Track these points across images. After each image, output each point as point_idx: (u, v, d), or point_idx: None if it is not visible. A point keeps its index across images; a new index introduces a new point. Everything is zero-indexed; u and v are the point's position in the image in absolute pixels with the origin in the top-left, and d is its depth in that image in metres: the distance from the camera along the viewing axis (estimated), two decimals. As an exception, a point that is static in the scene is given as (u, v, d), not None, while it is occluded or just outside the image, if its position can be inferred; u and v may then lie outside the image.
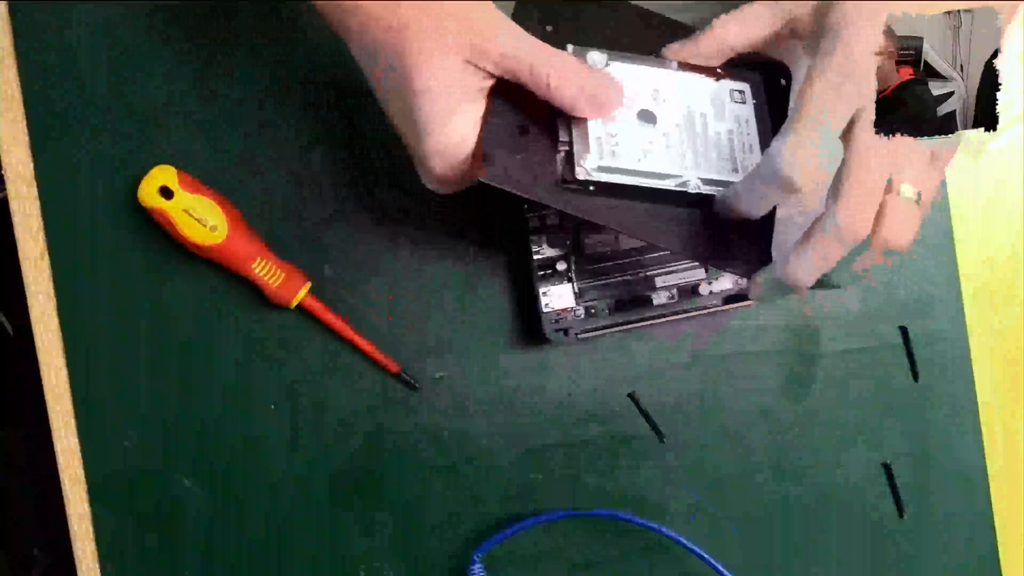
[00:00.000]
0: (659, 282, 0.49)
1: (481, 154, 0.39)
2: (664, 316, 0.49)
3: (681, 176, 0.41)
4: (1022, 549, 0.53)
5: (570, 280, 0.49)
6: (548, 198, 0.40)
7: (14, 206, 0.49)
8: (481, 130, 0.39)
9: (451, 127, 0.38)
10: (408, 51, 0.36)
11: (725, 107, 0.43)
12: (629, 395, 0.51)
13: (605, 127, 0.41)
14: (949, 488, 0.53)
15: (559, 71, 0.38)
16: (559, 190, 0.40)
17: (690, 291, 0.50)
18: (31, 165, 0.49)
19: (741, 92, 0.44)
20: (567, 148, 0.40)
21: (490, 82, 0.39)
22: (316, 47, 0.49)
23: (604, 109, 0.40)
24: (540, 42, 0.38)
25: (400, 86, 0.38)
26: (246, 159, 0.49)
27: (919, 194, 0.38)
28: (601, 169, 0.40)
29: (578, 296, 0.49)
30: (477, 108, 0.39)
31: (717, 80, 0.43)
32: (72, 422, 0.49)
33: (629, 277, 0.50)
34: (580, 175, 0.40)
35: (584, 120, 0.40)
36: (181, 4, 0.49)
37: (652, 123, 0.42)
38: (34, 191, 0.49)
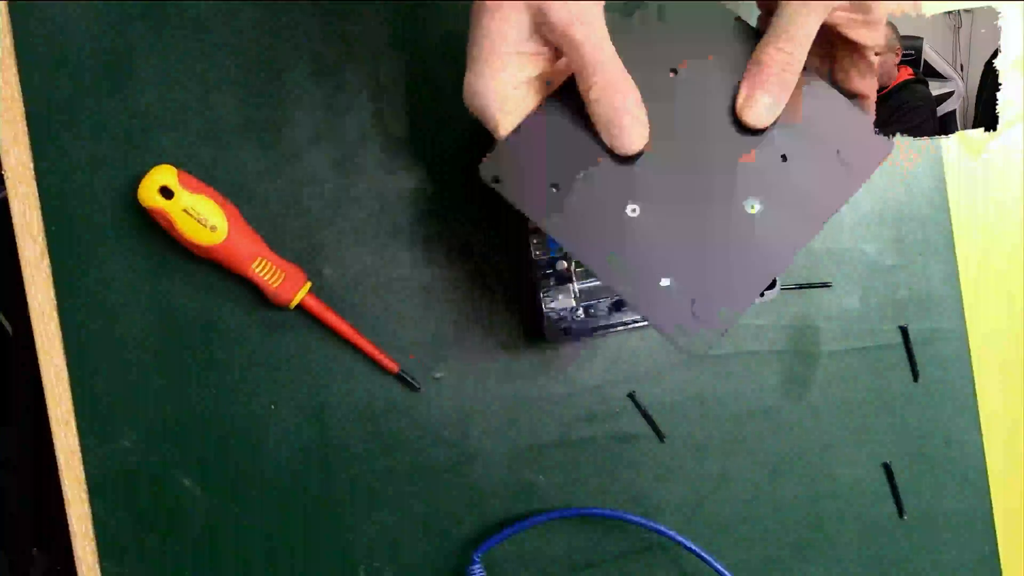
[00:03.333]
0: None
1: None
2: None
3: None
4: (1022, 549, 0.53)
5: (570, 280, 0.49)
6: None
7: (14, 206, 0.49)
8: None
9: (499, 78, 0.38)
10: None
11: None
12: (629, 395, 0.51)
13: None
14: (949, 488, 0.53)
15: (605, 83, 0.37)
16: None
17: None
18: (31, 165, 0.49)
19: None
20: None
21: (545, 61, 0.39)
22: (316, 47, 0.49)
23: (624, 148, 0.39)
24: (609, 46, 0.37)
25: (472, 20, 0.38)
26: (246, 159, 0.49)
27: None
28: None
29: (578, 296, 0.49)
30: (527, 73, 0.39)
31: None
32: (72, 422, 0.49)
33: (629, 277, 0.50)
34: None
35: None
36: (180, 4, 0.49)
37: None
38: (34, 191, 0.49)
